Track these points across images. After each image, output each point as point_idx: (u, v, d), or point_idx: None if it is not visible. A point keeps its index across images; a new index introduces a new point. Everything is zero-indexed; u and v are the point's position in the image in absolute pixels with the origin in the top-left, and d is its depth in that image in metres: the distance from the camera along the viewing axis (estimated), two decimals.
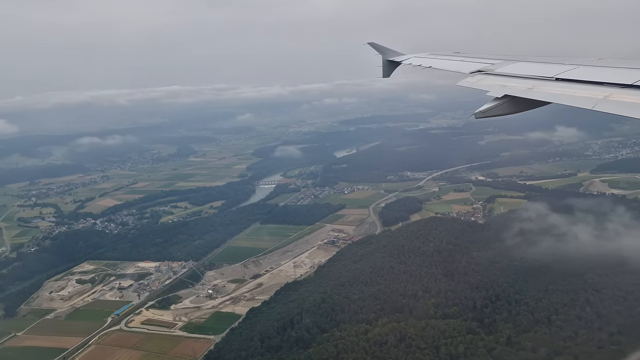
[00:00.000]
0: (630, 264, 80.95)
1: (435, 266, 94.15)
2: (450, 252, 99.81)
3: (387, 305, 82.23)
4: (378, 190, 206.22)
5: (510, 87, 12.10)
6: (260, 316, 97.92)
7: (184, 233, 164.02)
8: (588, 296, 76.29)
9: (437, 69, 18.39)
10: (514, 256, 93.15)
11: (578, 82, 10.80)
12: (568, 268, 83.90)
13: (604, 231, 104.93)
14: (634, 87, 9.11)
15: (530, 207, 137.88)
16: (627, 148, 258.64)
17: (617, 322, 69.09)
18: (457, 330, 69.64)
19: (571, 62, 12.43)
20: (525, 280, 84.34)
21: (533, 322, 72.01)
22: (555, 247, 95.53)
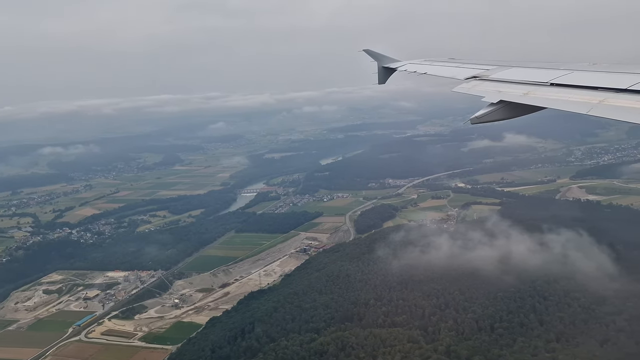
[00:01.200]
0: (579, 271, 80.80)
1: (392, 274, 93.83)
2: (410, 260, 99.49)
3: (337, 314, 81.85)
4: (357, 198, 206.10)
5: (505, 93, 12.21)
6: (218, 325, 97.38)
7: (158, 242, 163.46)
8: (534, 303, 76.04)
9: (432, 75, 18.54)
10: (468, 264, 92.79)
11: (573, 87, 10.82)
12: (520, 275, 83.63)
13: (559, 237, 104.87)
14: (628, 92, 9.14)
15: (494, 216, 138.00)
16: (609, 154, 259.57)
17: (557, 329, 68.81)
18: (397, 339, 69.23)
19: (566, 67, 12.50)
20: (477, 288, 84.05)
21: (476, 330, 71.69)
22: (509, 255, 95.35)
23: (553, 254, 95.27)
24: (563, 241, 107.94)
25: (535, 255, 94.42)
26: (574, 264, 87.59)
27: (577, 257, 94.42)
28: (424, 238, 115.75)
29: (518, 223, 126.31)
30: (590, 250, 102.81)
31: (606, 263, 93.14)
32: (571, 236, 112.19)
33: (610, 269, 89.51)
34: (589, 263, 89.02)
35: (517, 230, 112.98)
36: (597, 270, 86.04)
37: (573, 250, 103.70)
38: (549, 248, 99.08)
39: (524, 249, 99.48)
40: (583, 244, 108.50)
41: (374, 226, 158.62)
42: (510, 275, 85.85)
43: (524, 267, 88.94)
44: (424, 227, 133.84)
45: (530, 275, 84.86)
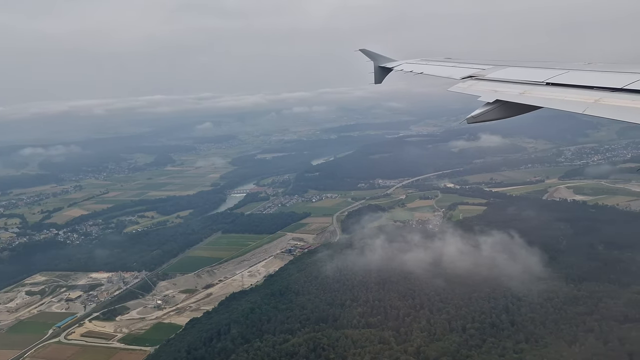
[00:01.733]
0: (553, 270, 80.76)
1: (371, 275, 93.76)
2: (389, 261, 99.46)
3: (313, 315, 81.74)
4: (346, 199, 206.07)
5: (501, 92, 12.21)
6: (197, 326, 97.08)
7: (144, 243, 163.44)
8: (508, 303, 76.07)
9: (428, 75, 18.49)
10: (447, 265, 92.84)
11: (569, 86, 10.85)
12: (496, 276, 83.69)
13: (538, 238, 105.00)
14: (623, 91, 9.17)
15: (478, 217, 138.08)
16: (599, 154, 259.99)
17: (527, 329, 68.85)
18: (369, 340, 69.16)
19: (561, 67, 12.50)
20: (453, 289, 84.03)
21: (448, 330, 71.69)
22: (487, 256, 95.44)
23: (530, 254, 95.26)
24: (543, 242, 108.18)
25: (512, 256, 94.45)
26: (549, 263, 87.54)
27: (555, 257, 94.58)
28: (406, 239, 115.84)
29: (500, 224, 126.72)
30: (569, 251, 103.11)
31: (584, 263, 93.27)
32: (551, 237, 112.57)
33: (586, 269, 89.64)
34: (563, 263, 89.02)
35: (497, 231, 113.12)
36: (571, 271, 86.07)
37: (553, 252, 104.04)
38: (527, 248, 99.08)
39: (501, 249, 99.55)
40: (562, 245, 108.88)
41: (360, 227, 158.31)
42: (486, 275, 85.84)
43: (500, 267, 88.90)
44: (408, 228, 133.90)
45: (506, 275, 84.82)
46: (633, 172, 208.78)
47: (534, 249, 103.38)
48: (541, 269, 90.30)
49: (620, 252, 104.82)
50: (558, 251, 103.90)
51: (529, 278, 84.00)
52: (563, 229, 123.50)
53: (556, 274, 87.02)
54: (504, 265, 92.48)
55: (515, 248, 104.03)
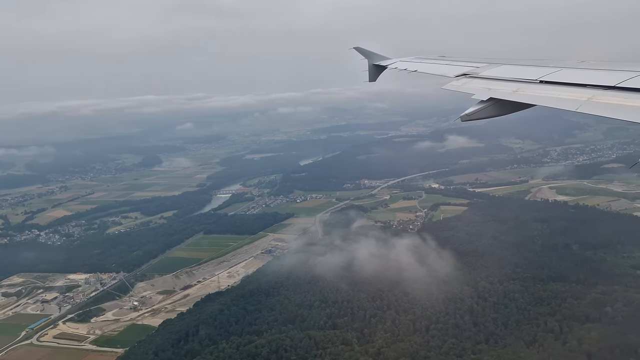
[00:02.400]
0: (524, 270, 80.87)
1: (342, 276, 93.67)
2: (361, 262, 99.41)
3: (281, 316, 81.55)
4: (331, 199, 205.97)
5: (495, 90, 12.17)
6: (169, 328, 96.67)
7: (125, 244, 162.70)
8: (473, 304, 76.17)
9: (422, 72, 18.38)
10: (418, 265, 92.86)
11: (562, 84, 10.82)
12: (464, 277, 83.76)
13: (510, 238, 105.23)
14: (616, 89, 9.16)
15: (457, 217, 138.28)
16: (584, 155, 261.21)
17: (489, 330, 68.94)
18: (331, 341, 69.07)
19: (555, 65, 12.47)
20: (421, 290, 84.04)
21: (412, 331, 71.70)
22: (458, 257, 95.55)
23: (502, 254, 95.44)
24: (518, 242, 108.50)
25: (483, 256, 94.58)
26: (520, 264, 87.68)
27: (528, 257, 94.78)
28: (381, 240, 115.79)
29: (478, 224, 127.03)
30: (543, 251, 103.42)
31: (555, 263, 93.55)
32: (527, 237, 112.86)
33: (557, 269, 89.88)
34: (535, 263, 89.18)
35: (473, 231, 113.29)
36: (541, 271, 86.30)
37: (527, 252, 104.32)
38: (501, 249, 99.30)
39: (471, 250, 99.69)
40: (537, 245, 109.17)
41: (342, 227, 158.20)
42: (456, 276, 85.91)
43: (471, 267, 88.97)
44: (385, 229, 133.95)
45: (474, 276, 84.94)
46: (616, 172, 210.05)
47: (507, 250, 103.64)
48: (512, 269, 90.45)
49: (594, 252, 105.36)
50: (532, 251, 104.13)
51: (498, 278, 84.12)
52: (540, 229, 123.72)
53: (526, 274, 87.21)
54: (474, 265, 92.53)
55: (489, 248, 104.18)
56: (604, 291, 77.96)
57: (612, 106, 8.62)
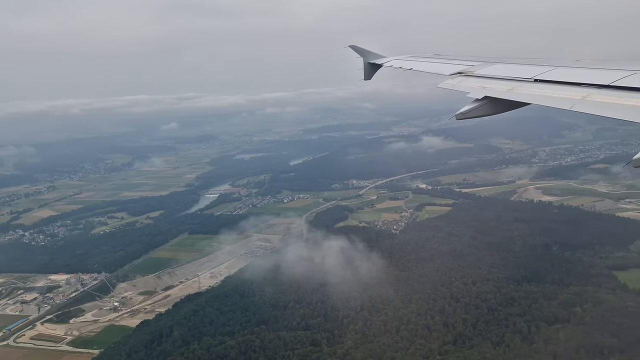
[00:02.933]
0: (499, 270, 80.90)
1: (318, 277, 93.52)
2: (340, 262, 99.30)
3: (254, 317, 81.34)
4: (318, 199, 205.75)
5: (490, 89, 12.15)
6: (146, 329, 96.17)
7: (109, 244, 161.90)
8: (444, 305, 76.15)
9: (417, 71, 18.39)
10: (395, 265, 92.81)
11: (556, 83, 10.81)
12: (439, 277, 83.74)
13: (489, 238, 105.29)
14: (611, 88, 9.18)
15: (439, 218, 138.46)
16: (572, 155, 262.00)
17: (457, 330, 68.95)
18: (300, 342, 68.90)
19: (549, 64, 12.46)
20: (396, 290, 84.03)
21: (383, 332, 71.60)
22: (434, 257, 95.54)
23: (481, 256, 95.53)
24: (497, 242, 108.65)
25: (461, 257, 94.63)
26: (496, 264, 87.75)
27: (506, 257, 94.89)
28: (362, 240, 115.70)
29: (459, 224, 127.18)
30: (522, 251, 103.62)
31: (531, 264, 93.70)
32: (507, 237, 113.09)
33: (533, 269, 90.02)
34: (511, 263, 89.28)
35: (454, 232, 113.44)
36: (517, 272, 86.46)
37: (505, 252, 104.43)
38: (478, 249, 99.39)
39: (449, 250, 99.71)
40: (516, 245, 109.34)
41: (326, 227, 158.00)
42: (431, 276, 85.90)
43: (447, 268, 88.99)
44: (368, 230, 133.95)
45: (450, 277, 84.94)
46: (603, 172, 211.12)
47: (485, 250, 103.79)
48: (488, 269, 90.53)
49: (572, 253, 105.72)
50: (510, 252, 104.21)
51: (473, 279, 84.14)
52: (521, 229, 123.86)
53: (501, 275, 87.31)
54: (451, 265, 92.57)
55: (467, 249, 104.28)
56: (575, 292, 78.13)
57: (606, 105, 8.69)
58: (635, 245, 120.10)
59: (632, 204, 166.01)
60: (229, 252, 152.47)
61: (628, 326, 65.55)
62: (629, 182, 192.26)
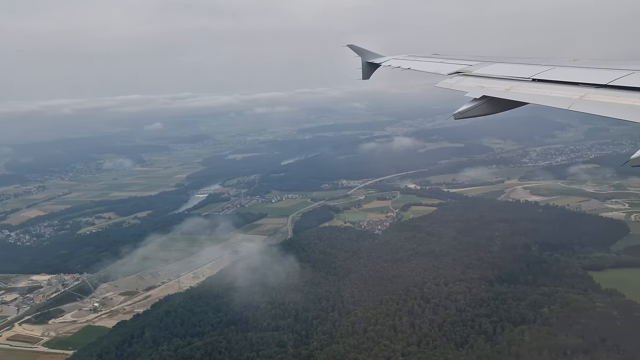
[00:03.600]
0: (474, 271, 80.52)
1: (293, 277, 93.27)
2: (315, 263, 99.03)
3: (226, 318, 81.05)
4: (306, 199, 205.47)
5: (488, 88, 12.19)
6: (121, 330, 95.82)
7: (94, 244, 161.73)
8: (414, 305, 75.89)
9: (416, 70, 18.43)
10: (370, 265, 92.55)
11: (554, 82, 10.84)
12: (413, 277, 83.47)
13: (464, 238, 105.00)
14: (608, 87, 9.21)
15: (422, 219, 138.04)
16: (563, 155, 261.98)
17: (422, 332, 68.67)
18: (267, 343, 68.61)
19: (547, 63, 12.47)
20: (369, 291, 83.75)
21: (350, 332, 71.29)
22: (410, 258, 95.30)
23: (458, 257, 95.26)
24: (477, 242, 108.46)
25: (437, 257, 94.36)
26: (472, 265, 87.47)
27: (483, 257, 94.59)
28: (342, 240, 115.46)
29: (441, 224, 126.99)
30: (500, 251, 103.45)
31: (507, 264, 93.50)
32: (487, 237, 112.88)
33: (508, 269, 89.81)
34: (487, 264, 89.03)
35: (435, 232, 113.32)
36: (491, 272, 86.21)
37: (483, 252, 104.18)
38: (457, 250, 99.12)
39: (428, 250, 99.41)
40: (496, 246, 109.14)
41: (311, 228, 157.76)
42: (405, 276, 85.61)
43: (422, 268, 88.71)
44: (349, 231, 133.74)
45: (423, 277, 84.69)
46: (591, 172, 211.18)
47: (464, 250, 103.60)
48: (462, 269, 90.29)
49: (551, 253, 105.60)
50: (488, 252, 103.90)
51: (445, 280, 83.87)
52: (502, 229, 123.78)
53: (475, 275, 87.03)
54: (426, 266, 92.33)
55: (445, 249, 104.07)
56: (545, 292, 77.85)
57: (604, 104, 8.68)
58: (616, 245, 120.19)
59: (618, 204, 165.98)
60: (214, 252, 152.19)
61: (593, 327, 65.39)
62: (617, 182, 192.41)
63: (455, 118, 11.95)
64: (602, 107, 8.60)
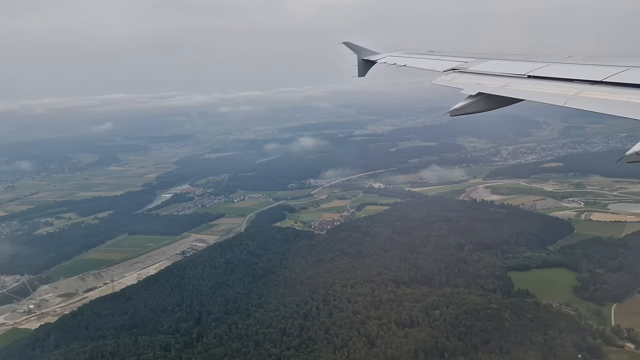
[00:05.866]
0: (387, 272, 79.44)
1: (212, 278, 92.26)
2: (237, 265, 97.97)
3: (130, 320, 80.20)
4: (268, 199, 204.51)
5: (484, 85, 12.25)
6: (41, 333, 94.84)
7: (45, 245, 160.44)
8: (312, 308, 74.89)
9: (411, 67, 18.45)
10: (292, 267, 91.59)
11: (550, 79, 10.85)
12: (327, 278, 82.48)
13: (403, 239, 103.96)
14: (603, 84, 9.24)
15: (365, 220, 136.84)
16: (534, 154, 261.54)
17: (308, 335, 67.64)
18: (152, 347, 67.65)
19: (542, 60, 12.48)
20: (277, 292, 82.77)
21: (241, 336, 70.23)
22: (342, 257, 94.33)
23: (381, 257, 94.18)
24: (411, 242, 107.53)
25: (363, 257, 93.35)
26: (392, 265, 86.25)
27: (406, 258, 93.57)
28: (274, 240, 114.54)
29: (382, 224, 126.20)
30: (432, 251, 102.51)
31: (427, 265, 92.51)
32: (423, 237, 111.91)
33: (425, 270, 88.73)
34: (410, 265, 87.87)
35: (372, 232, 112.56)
36: (407, 273, 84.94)
37: (410, 253, 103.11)
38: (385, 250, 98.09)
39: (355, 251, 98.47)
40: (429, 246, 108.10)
41: (263, 228, 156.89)
42: (317, 278, 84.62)
43: (340, 269, 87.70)
44: (289, 230, 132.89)
45: (335, 278, 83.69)
46: (555, 171, 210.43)
47: (392, 251, 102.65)
48: (380, 270, 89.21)
49: (480, 254, 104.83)
50: (416, 252, 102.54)
51: (354, 281, 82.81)
52: (441, 229, 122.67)
53: (389, 276, 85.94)
54: (345, 266, 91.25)
55: (374, 249, 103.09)
56: (446, 293, 76.80)
57: (599, 101, 8.70)
58: (556, 245, 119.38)
59: (573, 202, 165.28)
60: (162, 253, 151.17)
61: (478, 328, 64.39)
62: (577, 181, 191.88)
63: (451, 115, 11.94)
64: (597, 103, 8.63)
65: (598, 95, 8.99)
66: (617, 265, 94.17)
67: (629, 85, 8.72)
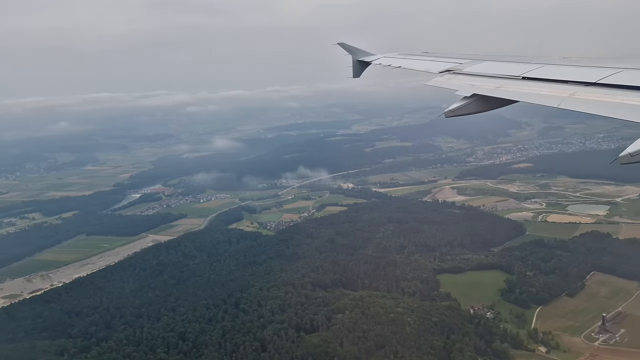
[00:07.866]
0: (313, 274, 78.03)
1: (135, 281, 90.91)
2: (166, 266, 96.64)
3: (42, 325, 78.92)
4: (234, 199, 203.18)
5: (478, 86, 12.28)
6: None
7: None
8: (219, 312, 73.50)
9: (406, 68, 18.54)
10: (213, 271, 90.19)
11: (544, 80, 10.92)
12: (246, 282, 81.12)
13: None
14: (597, 85, 9.28)
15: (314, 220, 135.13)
16: (510, 154, 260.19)
17: (202, 340, 66.28)
18: (46, 352, 66.31)
19: (537, 61, 12.52)
20: (194, 295, 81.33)
21: (138, 341, 68.83)
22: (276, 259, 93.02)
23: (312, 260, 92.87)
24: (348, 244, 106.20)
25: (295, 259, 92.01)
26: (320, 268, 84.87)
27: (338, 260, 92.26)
28: (215, 242, 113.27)
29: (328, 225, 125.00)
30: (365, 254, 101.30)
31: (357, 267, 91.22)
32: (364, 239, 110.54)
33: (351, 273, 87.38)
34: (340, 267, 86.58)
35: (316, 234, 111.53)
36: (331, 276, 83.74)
37: (345, 255, 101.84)
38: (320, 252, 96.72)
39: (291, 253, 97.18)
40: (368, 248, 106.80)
41: (220, 229, 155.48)
42: (237, 282, 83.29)
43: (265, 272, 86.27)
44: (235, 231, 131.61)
45: (253, 282, 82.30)
46: (523, 172, 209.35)
47: (327, 253, 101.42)
48: (305, 273, 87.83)
49: (419, 256, 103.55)
50: (351, 254, 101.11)
51: (271, 285, 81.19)
52: (386, 231, 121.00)
53: (310, 279, 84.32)
54: (271, 269, 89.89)
55: (309, 251, 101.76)
56: (356, 297, 75.37)
57: (593, 102, 8.72)
58: (504, 246, 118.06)
59: (535, 203, 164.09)
60: (116, 254, 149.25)
61: (376, 333, 62.99)
62: (543, 182, 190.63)
63: (446, 116, 11.98)
64: (591, 105, 8.65)
65: (592, 96, 8.99)
66: (549, 267, 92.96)
67: (622, 87, 8.73)
